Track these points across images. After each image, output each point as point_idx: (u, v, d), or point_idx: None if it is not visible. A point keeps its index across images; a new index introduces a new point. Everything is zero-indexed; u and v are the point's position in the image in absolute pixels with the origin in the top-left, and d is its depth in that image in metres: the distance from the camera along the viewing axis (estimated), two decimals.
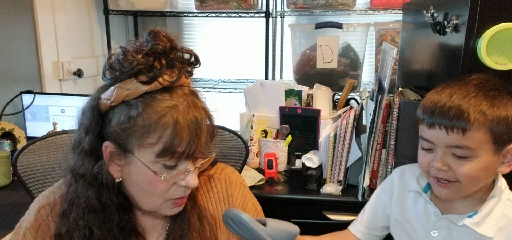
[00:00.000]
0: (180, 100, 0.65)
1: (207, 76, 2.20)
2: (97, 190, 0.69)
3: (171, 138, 0.63)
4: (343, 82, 1.76)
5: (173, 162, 0.66)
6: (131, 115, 0.64)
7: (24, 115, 1.70)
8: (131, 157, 0.66)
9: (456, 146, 0.76)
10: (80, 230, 0.69)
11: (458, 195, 0.81)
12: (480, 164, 0.75)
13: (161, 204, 0.70)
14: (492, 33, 0.91)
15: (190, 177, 0.69)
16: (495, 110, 0.74)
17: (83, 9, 1.91)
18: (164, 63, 0.64)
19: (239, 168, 1.11)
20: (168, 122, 0.63)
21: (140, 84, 0.63)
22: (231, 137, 1.12)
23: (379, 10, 1.74)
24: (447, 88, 0.80)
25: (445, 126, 0.76)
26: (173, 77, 0.65)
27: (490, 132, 0.74)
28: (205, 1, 1.80)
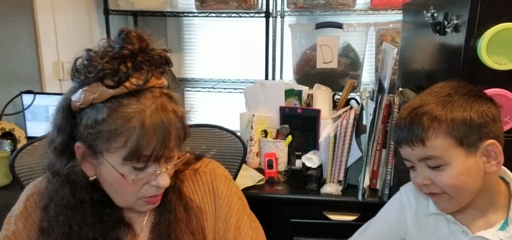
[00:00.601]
0: (147, 104, 0.64)
1: (207, 76, 2.20)
2: (72, 188, 0.70)
3: (137, 143, 0.63)
4: (343, 82, 1.76)
5: (142, 164, 0.66)
6: (97, 120, 0.64)
7: (24, 115, 1.70)
8: (101, 158, 0.67)
9: (425, 158, 0.76)
10: (60, 226, 0.70)
11: (456, 206, 0.79)
12: (456, 170, 0.73)
13: (134, 202, 0.71)
14: (492, 33, 0.91)
15: (160, 178, 0.69)
16: (448, 113, 0.73)
17: (83, 9, 1.91)
18: (130, 66, 0.63)
19: (237, 167, 1.11)
20: (133, 127, 0.63)
21: (106, 88, 0.63)
22: (229, 137, 1.12)
23: (379, 10, 1.74)
24: (407, 104, 0.80)
25: (406, 141, 0.77)
26: (141, 81, 0.64)
27: (450, 136, 0.73)
28: (205, 1, 1.80)
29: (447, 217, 0.83)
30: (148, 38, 0.68)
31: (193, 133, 1.14)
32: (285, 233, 1.40)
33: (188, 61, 2.21)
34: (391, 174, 1.27)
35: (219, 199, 0.82)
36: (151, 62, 0.66)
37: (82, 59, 0.65)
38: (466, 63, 0.96)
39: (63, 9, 1.77)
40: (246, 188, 1.38)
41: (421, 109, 0.75)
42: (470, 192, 0.76)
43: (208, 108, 2.24)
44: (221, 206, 0.82)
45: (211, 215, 0.82)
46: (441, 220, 0.86)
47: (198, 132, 1.14)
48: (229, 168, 1.10)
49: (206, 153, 0.96)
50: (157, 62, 0.66)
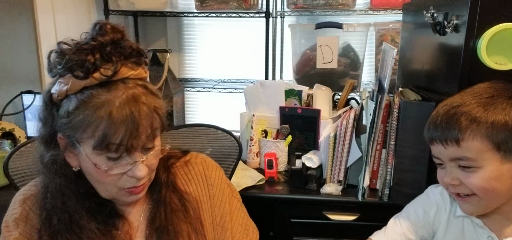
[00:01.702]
0: (118, 95, 0.64)
1: (207, 76, 2.20)
2: (63, 177, 0.71)
3: (104, 133, 0.63)
4: (343, 82, 1.76)
5: (114, 154, 0.66)
6: (69, 110, 0.65)
7: (25, 115, 1.70)
8: (78, 148, 0.67)
9: (457, 158, 0.74)
10: (59, 214, 0.71)
11: (482, 209, 0.77)
12: (488, 174, 0.71)
13: (116, 192, 0.72)
14: (492, 33, 0.91)
15: (136, 169, 0.69)
16: (489, 115, 0.70)
17: (83, 9, 1.91)
18: (99, 57, 0.64)
19: (232, 166, 1.12)
20: (100, 116, 0.63)
21: (76, 80, 0.64)
22: (224, 136, 1.12)
23: (379, 10, 1.74)
24: (446, 102, 0.78)
25: (440, 139, 0.75)
26: (110, 71, 0.64)
27: (487, 140, 0.70)
28: (205, 1, 1.80)
29: (475, 221, 0.82)
30: (123, 30, 0.68)
31: (188, 133, 1.14)
32: (285, 233, 1.40)
33: (188, 61, 2.21)
34: (391, 174, 1.27)
35: (212, 187, 0.86)
36: (121, 53, 0.66)
37: (54, 52, 0.67)
38: (466, 63, 0.96)
39: (63, 9, 1.77)
40: (246, 188, 1.38)
41: (461, 108, 0.73)
42: (500, 197, 0.74)
43: (208, 108, 2.24)
44: (215, 193, 0.85)
45: (206, 202, 0.84)
46: (468, 223, 0.84)
47: (193, 132, 1.14)
48: (225, 167, 1.10)
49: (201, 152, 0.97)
50: (128, 53, 0.66)
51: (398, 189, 1.25)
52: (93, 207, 0.73)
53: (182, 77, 2.21)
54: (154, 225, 0.77)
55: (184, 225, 0.78)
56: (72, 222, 0.71)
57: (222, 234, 0.84)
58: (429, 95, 1.22)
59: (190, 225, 0.79)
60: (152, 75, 1.85)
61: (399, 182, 1.25)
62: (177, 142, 1.12)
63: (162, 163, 0.82)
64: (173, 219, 0.78)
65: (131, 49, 0.67)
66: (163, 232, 0.77)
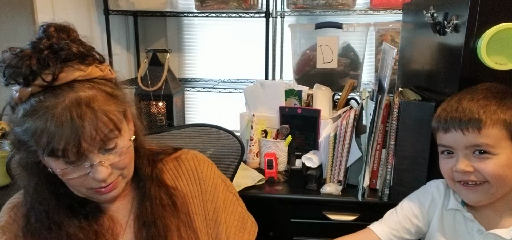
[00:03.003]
0: (60, 100, 0.62)
1: (207, 76, 2.20)
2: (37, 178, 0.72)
3: (47, 140, 0.62)
4: (343, 82, 1.76)
5: (68, 160, 0.65)
6: (18, 119, 0.65)
7: None
8: (40, 154, 0.67)
9: (475, 145, 0.78)
10: (37, 214, 0.71)
11: (488, 198, 0.81)
12: (503, 161, 0.76)
13: (86, 192, 0.72)
14: (492, 33, 0.91)
15: (95, 171, 0.67)
16: (505, 109, 0.77)
17: (83, 9, 1.91)
18: (35, 63, 0.61)
19: (234, 166, 1.12)
20: (42, 124, 0.62)
21: (22, 88, 0.63)
22: (226, 137, 1.12)
23: (379, 10, 1.74)
24: (456, 96, 0.83)
25: (460, 127, 0.79)
26: (50, 77, 0.62)
27: (506, 129, 0.76)
28: (205, 1, 1.80)
29: (465, 215, 0.86)
30: (70, 30, 0.67)
31: (191, 133, 1.14)
32: (285, 233, 1.40)
33: (188, 61, 2.21)
34: (391, 174, 1.27)
35: (204, 182, 0.85)
36: (58, 57, 0.63)
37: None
38: (466, 63, 0.96)
39: (63, 9, 1.77)
40: (246, 188, 1.38)
41: (478, 101, 0.79)
42: (508, 184, 0.79)
43: (208, 108, 2.24)
44: (207, 189, 0.85)
45: (197, 197, 0.84)
46: (459, 217, 0.89)
47: (196, 132, 1.14)
48: (227, 167, 1.10)
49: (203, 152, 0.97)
50: (65, 56, 0.63)
51: (398, 189, 1.25)
52: (74, 204, 0.74)
53: (182, 77, 2.21)
54: (141, 221, 0.77)
55: (172, 219, 0.78)
56: (49, 219, 0.71)
57: (215, 229, 0.84)
58: (429, 95, 1.22)
59: (179, 219, 0.79)
60: (152, 75, 1.86)
61: (399, 182, 1.25)
62: (179, 142, 1.12)
63: (147, 158, 0.82)
64: (160, 213, 0.77)
65: (69, 52, 0.64)
66: (150, 227, 0.76)
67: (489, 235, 0.83)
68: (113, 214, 0.79)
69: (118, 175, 0.73)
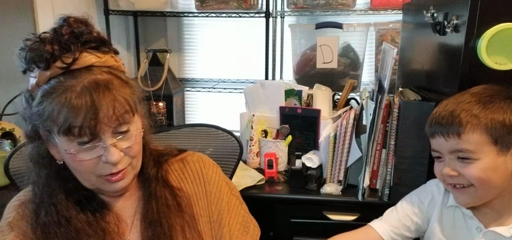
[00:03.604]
0: (79, 80, 0.65)
1: (207, 76, 2.20)
2: (48, 170, 0.73)
3: (65, 117, 0.64)
4: (343, 82, 1.76)
5: (82, 138, 0.66)
6: (37, 102, 0.67)
7: None
8: (54, 138, 0.68)
9: (457, 150, 0.80)
10: (46, 208, 0.71)
11: (477, 200, 0.82)
12: (485, 165, 0.77)
13: (96, 181, 0.72)
14: (492, 33, 0.91)
15: (108, 153, 0.69)
16: (488, 113, 0.77)
17: (83, 9, 1.91)
18: (57, 48, 0.65)
19: (233, 166, 1.12)
20: (61, 102, 0.64)
21: (42, 71, 0.66)
22: (224, 136, 1.12)
23: (379, 10, 1.74)
24: (445, 100, 0.85)
25: (442, 133, 0.81)
26: (70, 59, 0.66)
27: (486, 134, 0.77)
28: (205, 1, 1.80)
29: (465, 212, 0.88)
30: (87, 21, 0.71)
31: (189, 133, 1.14)
32: (285, 233, 1.40)
33: (188, 61, 2.21)
34: (391, 174, 1.27)
35: (209, 184, 0.86)
36: (79, 41, 0.67)
37: (18, 48, 0.69)
38: (466, 63, 0.96)
39: (63, 9, 1.76)
40: (246, 188, 1.38)
41: (462, 105, 0.80)
42: (494, 187, 0.80)
43: (208, 108, 2.24)
44: (212, 191, 0.86)
45: (202, 199, 0.84)
46: (458, 214, 0.90)
47: (194, 132, 1.14)
48: (226, 167, 1.10)
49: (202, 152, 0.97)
50: (86, 39, 0.68)
51: (398, 189, 1.25)
52: (81, 200, 0.74)
53: (182, 77, 2.21)
54: (147, 220, 0.78)
55: (177, 219, 0.79)
56: (58, 214, 0.71)
57: (219, 231, 0.84)
58: (429, 95, 1.22)
59: (184, 220, 0.79)
60: (152, 75, 1.86)
61: (399, 182, 1.25)
62: (178, 141, 1.12)
63: (153, 159, 0.83)
64: (165, 213, 0.78)
65: (90, 36, 0.68)
66: (156, 226, 0.77)
67: (489, 232, 0.83)
68: (119, 213, 0.79)
69: (128, 164, 0.74)
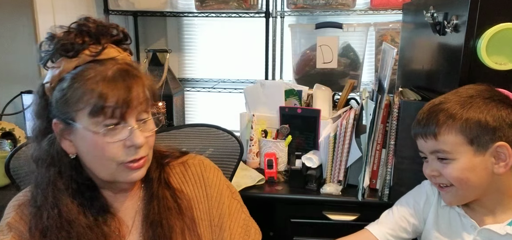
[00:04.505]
0: (109, 67, 0.69)
1: (207, 76, 2.20)
2: (57, 167, 0.72)
3: (99, 97, 0.66)
4: (343, 82, 1.76)
5: (111, 121, 0.68)
6: (63, 87, 0.68)
7: (24, 115, 1.70)
8: (75, 126, 0.69)
9: (435, 151, 0.82)
10: (49, 210, 0.71)
11: (460, 200, 0.84)
12: (462, 165, 0.78)
13: (116, 168, 0.72)
14: (492, 33, 0.91)
15: (134, 136, 0.70)
16: (464, 113, 0.77)
17: (83, 9, 1.91)
18: (87, 39, 0.69)
19: (233, 166, 1.12)
20: (95, 82, 0.67)
21: (68, 59, 0.68)
22: (225, 136, 1.12)
23: (379, 10, 1.74)
24: (429, 102, 0.86)
25: (421, 134, 0.83)
26: (98, 48, 0.69)
27: (461, 134, 0.77)
28: (205, 1, 1.80)
29: (458, 211, 0.89)
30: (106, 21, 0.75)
31: (189, 133, 1.14)
32: (285, 233, 1.40)
33: (188, 61, 2.21)
34: (391, 174, 1.27)
35: (210, 188, 0.86)
36: (107, 34, 0.71)
37: (45, 38, 0.71)
38: (466, 63, 0.96)
39: (63, 9, 1.77)
40: (246, 188, 1.38)
41: (440, 106, 0.81)
42: (474, 187, 0.80)
43: (208, 108, 2.24)
44: (213, 195, 0.86)
45: (203, 203, 0.85)
46: (454, 214, 0.91)
47: (195, 132, 1.14)
48: (226, 167, 1.10)
49: (202, 152, 0.97)
50: (114, 34, 0.72)
51: (398, 189, 1.25)
52: (84, 202, 0.74)
53: (182, 77, 2.21)
54: (148, 220, 0.78)
55: (177, 221, 0.79)
56: (61, 217, 0.71)
57: (220, 235, 0.84)
58: (429, 95, 1.22)
59: (184, 223, 0.80)
60: (152, 75, 1.86)
61: (399, 182, 1.25)
62: (178, 142, 1.12)
63: (156, 159, 0.83)
64: (166, 214, 0.78)
65: (117, 31, 0.73)
66: (157, 226, 0.77)
67: (483, 230, 0.84)
68: (121, 215, 0.79)
69: (146, 153, 0.75)
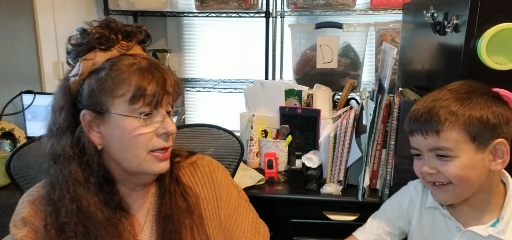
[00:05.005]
0: (139, 59, 0.72)
1: (207, 76, 2.20)
2: (79, 160, 0.72)
3: (139, 83, 0.69)
4: (343, 82, 1.76)
5: (147, 108, 0.71)
6: (100, 77, 0.70)
7: (24, 115, 1.70)
8: (108, 115, 0.71)
9: (435, 148, 0.79)
10: (67, 205, 0.71)
11: (456, 198, 0.82)
12: (463, 163, 0.77)
13: (144, 157, 0.73)
14: (492, 33, 0.91)
15: (167, 123, 0.74)
16: (466, 110, 0.77)
17: (83, 9, 1.91)
18: (120, 37, 0.72)
19: (234, 166, 1.12)
20: (134, 71, 0.70)
21: (101, 52, 0.71)
22: (226, 137, 1.13)
23: (379, 10, 1.74)
24: (425, 97, 0.84)
25: (420, 130, 0.80)
26: (130, 43, 0.73)
27: (464, 131, 0.76)
28: (205, 1, 1.81)
29: (443, 212, 0.88)
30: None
31: (190, 133, 1.15)
32: (285, 233, 1.40)
33: (188, 61, 2.21)
34: (391, 174, 1.27)
35: (219, 188, 0.87)
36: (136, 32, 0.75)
37: (77, 32, 0.73)
38: (466, 63, 0.96)
39: (63, 9, 1.77)
40: (246, 188, 1.38)
41: (440, 102, 0.79)
42: (472, 185, 0.79)
43: (208, 108, 2.24)
44: (222, 195, 0.87)
45: (212, 203, 0.86)
46: (438, 215, 0.90)
47: (196, 132, 1.14)
48: (227, 167, 1.10)
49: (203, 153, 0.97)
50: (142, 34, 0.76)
51: (398, 189, 1.24)
52: (102, 197, 0.74)
53: (182, 77, 2.21)
54: (161, 214, 0.79)
55: (186, 219, 0.80)
56: (80, 211, 0.71)
57: (231, 233, 0.85)
58: None
59: (193, 220, 0.81)
60: None
61: (399, 182, 1.25)
62: (179, 142, 1.12)
63: None
64: (176, 209, 0.80)
65: (142, 31, 0.76)
66: (168, 221, 0.78)
67: (467, 232, 0.83)
68: (134, 214, 0.80)
69: (171, 145, 0.78)
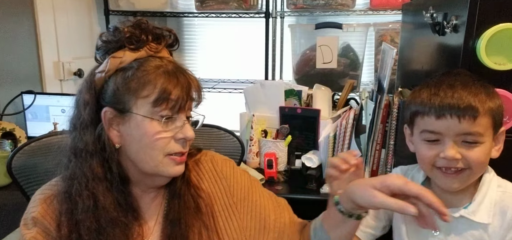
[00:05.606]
0: (166, 63, 0.73)
1: (207, 76, 2.21)
2: (99, 157, 0.73)
3: (164, 86, 0.70)
4: (343, 82, 1.76)
5: (169, 112, 0.71)
6: (127, 76, 0.70)
7: (25, 115, 1.70)
8: (129, 115, 0.71)
9: (467, 133, 0.78)
10: (84, 200, 0.71)
11: (464, 184, 0.82)
12: (486, 149, 0.79)
13: (161, 160, 0.73)
14: (491, 33, 0.91)
15: (186, 129, 0.74)
16: (491, 97, 0.79)
17: (84, 9, 1.91)
18: (150, 38, 0.73)
19: None
20: (160, 73, 0.71)
21: (130, 52, 0.71)
22: (226, 137, 1.13)
23: (379, 10, 1.74)
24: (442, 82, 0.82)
25: (457, 114, 0.78)
26: (159, 45, 0.74)
27: (493, 118, 0.78)
28: (205, 2, 1.81)
29: None
30: None
31: None
32: None
33: (188, 61, 2.22)
34: None
35: (226, 179, 0.87)
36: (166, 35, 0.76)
37: (108, 29, 0.74)
38: (465, 64, 0.96)
39: (63, 9, 1.77)
40: None
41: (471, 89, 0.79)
42: (482, 171, 0.82)
43: (208, 108, 2.24)
44: (231, 184, 0.87)
45: (222, 197, 0.86)
46: None
47: (196, 132, 1.14)
48: None
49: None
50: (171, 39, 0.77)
51: None
52: (117, 196, 0.74)
53: None
54: (169, 217, 0.79)
55: (195, 221, 0.80)
56: (97, 208, 0.71)
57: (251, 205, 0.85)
58: None
59: (202, 222, 0.80)
60: None
61: None
62: None
63: None
64: (185, 212, 0.79)
65: (171, 34, 0.77)
66: (175, 225, 0.78)
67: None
68: (144, 216, 0.80)
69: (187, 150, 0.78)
